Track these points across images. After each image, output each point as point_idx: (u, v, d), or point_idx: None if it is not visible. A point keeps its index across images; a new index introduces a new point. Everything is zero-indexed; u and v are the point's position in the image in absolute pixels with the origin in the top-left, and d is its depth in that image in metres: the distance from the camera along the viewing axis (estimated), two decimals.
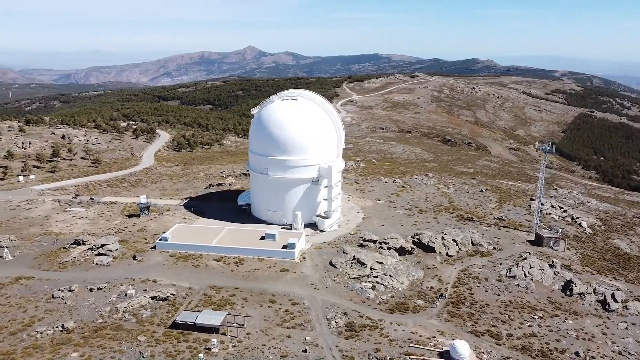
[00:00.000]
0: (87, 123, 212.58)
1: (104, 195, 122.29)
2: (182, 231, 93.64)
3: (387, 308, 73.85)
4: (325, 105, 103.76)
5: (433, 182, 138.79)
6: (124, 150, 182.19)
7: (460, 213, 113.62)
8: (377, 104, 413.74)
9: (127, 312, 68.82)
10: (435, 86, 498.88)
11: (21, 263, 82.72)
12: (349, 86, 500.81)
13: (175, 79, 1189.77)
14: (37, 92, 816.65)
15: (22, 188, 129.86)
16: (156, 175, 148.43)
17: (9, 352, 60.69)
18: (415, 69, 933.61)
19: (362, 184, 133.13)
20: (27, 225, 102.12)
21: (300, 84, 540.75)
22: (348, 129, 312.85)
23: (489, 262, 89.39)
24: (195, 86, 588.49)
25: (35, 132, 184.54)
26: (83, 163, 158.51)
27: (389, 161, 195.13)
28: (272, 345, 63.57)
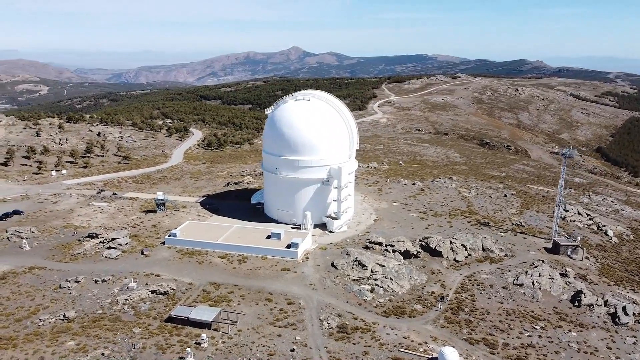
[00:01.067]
0: (124, 121, 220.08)
1: (127, 191, 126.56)
2: (192, 228, 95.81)
3: (383, 311, 73.21)
4: (338, 106, 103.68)
5: (455, 186, 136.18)
6: (156, 148, 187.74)
7: (477, 217, 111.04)
8: (415, 105, 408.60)
9: (126, 305, 71.16)
10: (477, 87, 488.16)
11: (37, 254, 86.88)
12: (388, 87, 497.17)
13: (220, 79, 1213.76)
14: (90, 91, 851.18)
15: (53, 182, 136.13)
16: (181, 172, 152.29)
17: (12, 338, 63.91)
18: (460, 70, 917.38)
19: (381, 186, 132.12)
20: (52, 217, 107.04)
21: (338, 84, 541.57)
22: (382, 130, 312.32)
23: (497, 269, 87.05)
24: (237, 86, 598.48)
25: (74, 129, 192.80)
26: (114, 159, 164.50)
27: (417, 163, 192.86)
28: (261, 344, 64.22)
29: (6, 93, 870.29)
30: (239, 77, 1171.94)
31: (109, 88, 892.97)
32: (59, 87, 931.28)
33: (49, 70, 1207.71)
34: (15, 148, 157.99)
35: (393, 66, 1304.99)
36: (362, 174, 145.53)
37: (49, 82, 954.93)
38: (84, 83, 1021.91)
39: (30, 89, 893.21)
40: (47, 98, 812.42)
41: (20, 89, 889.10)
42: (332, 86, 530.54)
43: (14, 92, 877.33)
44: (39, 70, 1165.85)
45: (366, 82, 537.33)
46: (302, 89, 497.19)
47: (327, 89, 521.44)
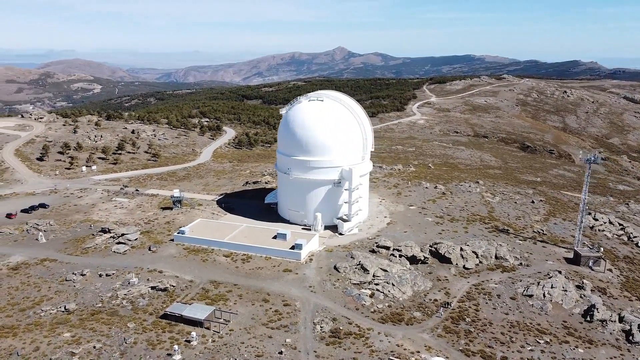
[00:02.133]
0: (160, 119, 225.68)
1: (149, 188, 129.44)
2: (202, 226, 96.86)
3: (380, 317, 71.54)
4: (352, 107, 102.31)
5: (479, 190, 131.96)
6: (186, 146, 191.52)
7: (496, 224, 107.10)
8: (456, 106, 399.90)
9: (125, 299, 72.59)
10: (523, 89, 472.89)
11: (51, 246, 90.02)
12: (429, 88, 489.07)
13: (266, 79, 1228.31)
14: (140, 90, 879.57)
15: (82, 178, 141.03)
16: (205, 171, 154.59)
17: (14, 327, 66.35)
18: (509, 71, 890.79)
19: (401, 189, 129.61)
20: (74, 212, 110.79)
21: (379, 85, 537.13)
22: (419, 132, 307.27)
23: (508, 278, 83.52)
24: (278, 86, 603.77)
25: (110, 126, 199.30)
26: (144, 157, 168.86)
27: (447, 166, 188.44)
28: (250, 344, 64.01)
29: (62, 91, 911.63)
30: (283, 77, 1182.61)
31: (157, 87, 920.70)
32: (111, 85, 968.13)
33: (103, 70, 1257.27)
34: (52, 144, 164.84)
35: (439, 67, 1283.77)
36: (384, 176, 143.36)
37: (102, 81, 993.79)
38: (135, 82, 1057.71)
39: (84, 88, 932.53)
40: (99, 96, 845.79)
41: (76, 87, 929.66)
42: (372, 87, 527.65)
43: (70, 90, 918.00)
44: (94, 70, 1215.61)
45: (407, 83, 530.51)
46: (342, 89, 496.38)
47: (367, 89, 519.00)
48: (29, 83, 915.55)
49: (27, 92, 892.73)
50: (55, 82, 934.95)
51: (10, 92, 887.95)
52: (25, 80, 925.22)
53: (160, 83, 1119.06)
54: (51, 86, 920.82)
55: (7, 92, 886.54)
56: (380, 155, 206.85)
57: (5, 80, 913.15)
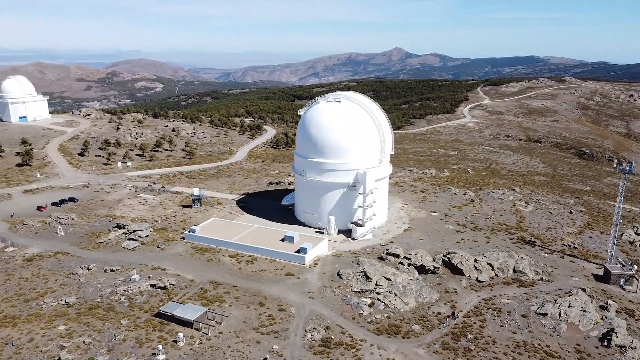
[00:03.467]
0: (203, 118, 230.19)
1: (177, 185, 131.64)
2: (214, 225, 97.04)
3: (376, 328, 68.63)
4: (371, 109, 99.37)
5: (512, 198, 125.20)
6: (224, 145, 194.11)
7: (523, 235, 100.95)
8: (510, 109, 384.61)
9: (123, 296, 73.49)
10: (584, 92, 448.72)
11: (68, 240, 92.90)
12: (483, 90, 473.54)
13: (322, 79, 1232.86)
14: (199, 89, 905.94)
15: (117, 173, 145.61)
16: (235, 170, 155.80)
17: (15, 317, 68.59)
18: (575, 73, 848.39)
19: (427, 194, 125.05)
20: (99, 206, 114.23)
21: (431, 86, 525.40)
22: (466, 135, 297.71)
23: (523, 294, 78.14)
24: (330, 86, 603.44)
25: (153, 124, 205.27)
26: (180, 154, 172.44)
27: (488, 171, 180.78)
28: (237, 349, 62.99)
29: (127, 90, 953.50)
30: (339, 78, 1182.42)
31: (215, 86, 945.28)
32: (172, 84, 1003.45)
33: (166, 69, 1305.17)
34: (94, 140, 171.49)
35: (500, 68, 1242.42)
36: (413, 180, 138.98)
37: (163, 80, 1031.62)
38: (194, 81, 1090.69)
39: (147, 86, 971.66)
40: (160, 95, 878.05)
41: (139, 86, 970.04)
42: (424, 88, 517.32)
43: (134, 88, 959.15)
44: (157, 69, 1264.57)
45: (460, 85, 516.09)
46: (393, 90, 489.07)
47: (419, 90, 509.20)
48: (97, 81, 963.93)
49: (94, 90, 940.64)
50: (120, 81, 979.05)
51: (80, 89, 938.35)
52: (93, 79, 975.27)
53: (218, 82, 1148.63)
54: (116, 85, 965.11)
55: (77, 89, 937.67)
56: (419, 159, 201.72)
57: (76, 79, 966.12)
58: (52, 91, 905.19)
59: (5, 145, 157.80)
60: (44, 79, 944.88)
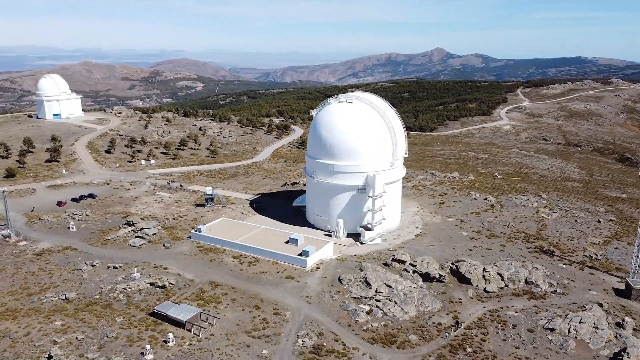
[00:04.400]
0: (232, 117, 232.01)
1: (195, 184, 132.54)
2: (222, 225, 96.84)
3: (370, 337, 66.48)
4: (383, 111, 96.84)
5: (537, 204, 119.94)
6: (249, 144, 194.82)
7: (541, 244, 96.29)
8: (550, 112, 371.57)
9: (122, 293, 73.96)
10: (632, 95, 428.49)
11: (78, 235, 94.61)
12: (523, 91, 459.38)
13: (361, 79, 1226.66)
14: (238, 88, 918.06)
15: (140, 171, 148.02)
16: (255, 169, 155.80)
17: (16, 311, 70.01)
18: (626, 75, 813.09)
19: (446, 198, 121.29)
20: (116, 203, 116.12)
21: (469, 87, 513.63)
22: (501, 138, 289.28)
23: (533, 307, 74.19)
24: (366, 87, 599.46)
25: (180, 123, 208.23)
26: (204, 153, 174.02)
27: (518, 176, 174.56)
28: (225, 352, 62.20)
29: (169, 89, 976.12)
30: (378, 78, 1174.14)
31: (253, 86, 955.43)
32: (212, 84, 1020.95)
33: (207, 69, 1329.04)
34: (122, 138, 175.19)
35: (545, 69, 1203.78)
36: (433, 184, 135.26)
37: (204, 79, 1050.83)
38: (234, 81, 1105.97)
39: (188, 85, 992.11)
40: (201, 94, 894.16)
41: (180, 85, 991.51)
42: (461, 89, 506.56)
43: (175, 88, 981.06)
44: (199, 69, 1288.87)
45: (500, 86, 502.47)
46: (430, 91, 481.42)
47: (456, 92, 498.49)
48: (140, 80, 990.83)
49: (138, 88, 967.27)
50: (162, 80, 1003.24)
51: (124, 88, 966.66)
52: (137, 78, 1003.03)
53: (257, 82, 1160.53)
54: (159, 84, 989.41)
55: (121, 88, 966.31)
56: (446, 162, 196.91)
57: (121, 78, 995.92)
58: (98, 89, 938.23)
59: (38, 142, 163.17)
60: (91, 78, 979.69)
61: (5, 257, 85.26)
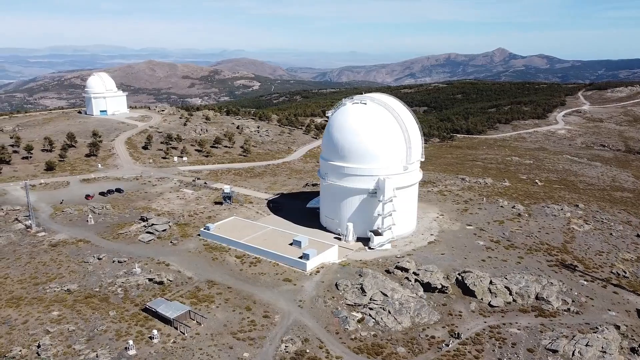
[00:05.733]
0: (273, 116, 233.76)
1: (220, 182, 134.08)
2: (231, 224, 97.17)
3: (357, 346, 64.34)
4: (398, 112, 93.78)
5: (569, 215, 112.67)
6: (284, 144, 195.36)
7: (564, 257, 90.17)
8: (612, 116, 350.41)
9: (120, 287, 75.49)
10: None
11: (95, 229, 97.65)
12: (585, 94, 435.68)
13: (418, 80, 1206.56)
14: (293, 88, 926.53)
15: (171, 167, 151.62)
16: (284, 169, 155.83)
17: (21, 299, 73.02)
18: None
19: (470, 205, 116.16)
20: (140, 198, 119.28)
21: (526, 89, 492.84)
22: (554, 143, 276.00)
23: (539, 325, 69.39)
24: (418, 88, 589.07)
25: (220, 121, 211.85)
26: (237, 151, 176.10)
27: (561, 184, 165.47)
28: (207, 352, 62.03)
29: (227, 87, 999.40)
30: (436, 79, 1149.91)
31: (309, 86, 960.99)
32: (268, 83, 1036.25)
33: (265, 68, 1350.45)
34: (161, 135, 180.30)
35: (616, 71, 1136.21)
36: (461, 189, 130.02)
37: (261, 78, 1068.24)
38: (290, 80, 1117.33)
39: (245, 84, 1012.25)
40: (257, 93, 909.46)
41: (238, 84, 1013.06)
42: (518, 91, 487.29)
43: (233, 86, 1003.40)
44: (257, 68, 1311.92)
45: (560, 88, 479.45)
46: (484, 93, 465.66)
47: (512, 93, 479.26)
48: (200, 79, 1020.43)
49: (197, 87, 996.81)
50: (221, 79, 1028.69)
51: (185, 86, 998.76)
52: (197, 77, 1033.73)
53: (313, 82, 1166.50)
54: (218, 82, 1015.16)
55: (182, 86, 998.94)
56: (486, 167, 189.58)
57: (182, 76, 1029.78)
58: (160, 87, 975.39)
59: (81, 137, 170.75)
60: (154, 76, 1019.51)
61: (23, 247, 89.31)
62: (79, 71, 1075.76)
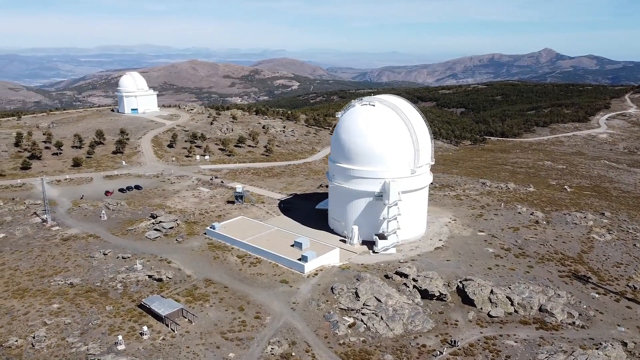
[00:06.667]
0: (301, 116, 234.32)
1: (237, 181, 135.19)
2: (238, 224, 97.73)
3: (344, 352, 63.41)
4: (406, 115, 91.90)
5: (592, 224, 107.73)
6: (308, 144, 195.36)
7: (578, 268, 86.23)
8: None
9: (120, 283, 77.08)
10: None
11: (106, 224, 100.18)
12: (632, 97, 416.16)
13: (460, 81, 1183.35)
14: (331, 88, 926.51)
15: (193, 165, 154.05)
16: (303, 170, 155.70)
17: (26, 290, 75.64)
18: None
19: (487, 210, 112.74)
20: (157, 196, 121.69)
21: (569, 91, 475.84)
22: (594, 148, 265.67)
23: (538, 338, 66.54)
24: (457, 88, 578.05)
25: (246, 120, 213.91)
26: (260, 151, 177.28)
27: (593, 190, 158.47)
28: (193, 351, 62.51)
29: (266, 87, 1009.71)
30: (479, 80, 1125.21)
31: (348, 86, 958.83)
32: (307, 83, 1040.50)
33: (305, 68, 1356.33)
34: (187, 133, 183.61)
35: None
36: (480, 194, 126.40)
37: (300, 78, 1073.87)
38: (329, 80, 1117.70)
39: (284, 84, 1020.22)
40: (295, 92, 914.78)
41: (277, 83, 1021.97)
42: (561, 93, 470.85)
43: (272, 86, 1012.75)
44: (297, 68, 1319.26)
45: (605, 91, 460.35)
46: (525, 94, 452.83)
47: (554, 95, 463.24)
48: (240, 79, 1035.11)
49: (238, 86, 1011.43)
50: (261, 79, 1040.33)
51: (225, 85, 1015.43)
52: (238, 76, 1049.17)
53: (352, 82, 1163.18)
54: (257, 82, 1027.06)
55: (223, 85, 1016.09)
56: (515, 171, 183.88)
57: (223, 76, 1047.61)
58: (202, 86, 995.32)
59: (110, 134, 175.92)
60: (196, 75, 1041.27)
61: (37, 240, 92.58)
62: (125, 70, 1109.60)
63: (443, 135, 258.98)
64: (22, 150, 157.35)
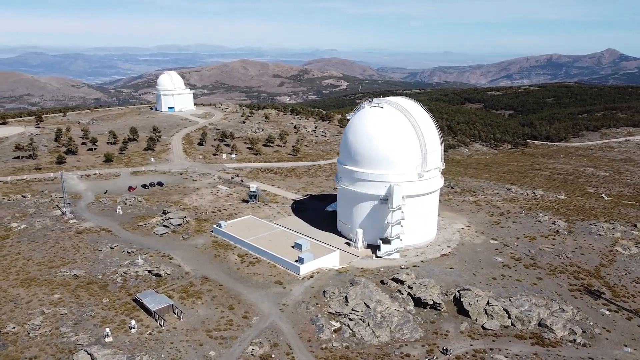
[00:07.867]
0: (335, 117, 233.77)
1: (258, 180, 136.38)
2: (244, 222, 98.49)
3: (325, 356, 62.61)
4: (415, 118, 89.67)
5: (619, 235, 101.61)
6: (338, 145, 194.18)
7: (591, 282, 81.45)
8: None
9: (121, 277, 79.27)
10: None
11: (120, 219, 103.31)
12: None
13: (514, 82, 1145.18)
14: (380, 88, 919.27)
15: (218, 164, 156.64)
16: (325, 170, 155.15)
17: (34, 279, 79.18)
18: None
19: (505, 217, 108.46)
20: (176, 192, 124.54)
21: (628, 94, 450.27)
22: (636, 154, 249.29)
23: (531, 354, 63.30)
24: (507, 90, 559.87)
25: (278, 120, 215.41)
26: (287, 151, 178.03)
27: (634, 200, 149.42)
28: (175, 347, 63.43)
29: (315, 86, 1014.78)
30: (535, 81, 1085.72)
31: (397, 86, 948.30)
32: (355, 83, 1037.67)
33: (355, 68, 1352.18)
34: (218, 132, 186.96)
35: None
36: (501, 200, 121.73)
37: (349, 78, 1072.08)
38: (378, 80, 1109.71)
39: (333, 84, 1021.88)
40: (343, 92, 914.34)
41: (326, 83, 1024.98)
42: (618, 96, 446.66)
43: (321, 85, 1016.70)
44: (347, 68, 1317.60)
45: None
46: (579, 97, 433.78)
47: (610, 98, 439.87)
48: (289, 78, 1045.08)
49: (287, 85, 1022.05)
50: (310, 78, 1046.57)
51: (274, 85, 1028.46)
52: (287, 76, 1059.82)
53: (402, 82, 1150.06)
54: (306, 81, 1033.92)
55: (272, 85, 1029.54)
56: (552, 177, 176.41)
57: (272, 75, 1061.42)
58: (251, 85, 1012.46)
59: (145, 132, 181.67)
60: (246, 74, 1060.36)
61: (53, 232, 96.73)
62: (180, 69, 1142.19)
63: (482, 138, 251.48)
64: (61, 145, 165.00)
